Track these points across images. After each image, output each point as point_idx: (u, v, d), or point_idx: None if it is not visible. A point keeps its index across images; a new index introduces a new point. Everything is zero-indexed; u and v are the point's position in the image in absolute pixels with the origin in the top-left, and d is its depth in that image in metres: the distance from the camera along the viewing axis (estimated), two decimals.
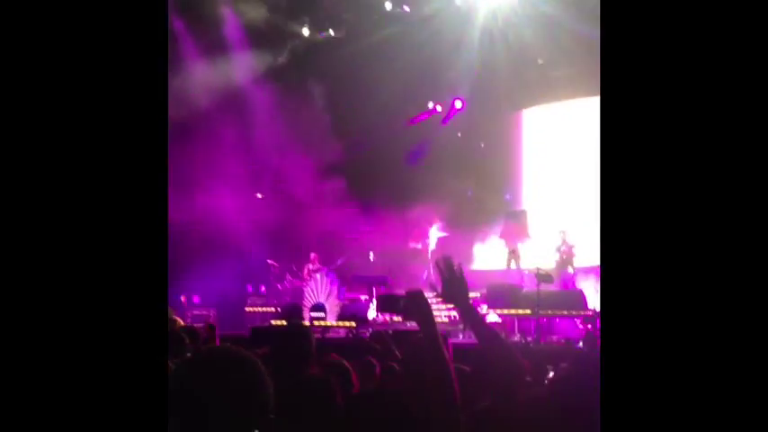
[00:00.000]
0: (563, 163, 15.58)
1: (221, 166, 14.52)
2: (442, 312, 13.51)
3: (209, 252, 14.22)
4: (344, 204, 15.28)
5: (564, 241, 13.27)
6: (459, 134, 16.84)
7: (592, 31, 13.56)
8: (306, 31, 16.10)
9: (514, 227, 14.06)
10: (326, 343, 10.83)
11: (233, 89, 15.09)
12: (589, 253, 13.23)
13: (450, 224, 15.36)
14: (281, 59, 16.21)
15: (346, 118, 16.16)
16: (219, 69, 14.64)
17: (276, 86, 15.60)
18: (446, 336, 10.06)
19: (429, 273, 14.75)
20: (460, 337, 11.97)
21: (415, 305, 2.21)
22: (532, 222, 14.51)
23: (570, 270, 13.06)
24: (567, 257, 13.15)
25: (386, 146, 16.39)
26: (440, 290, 2.48)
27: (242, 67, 15.30)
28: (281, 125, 15.57)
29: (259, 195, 16.50)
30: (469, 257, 15.43)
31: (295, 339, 3.44)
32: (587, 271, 13.06)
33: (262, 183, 16.11)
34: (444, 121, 16.81)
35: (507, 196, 14.81)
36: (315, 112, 16.12)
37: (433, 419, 1.99)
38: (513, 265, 13.60)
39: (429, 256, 14.93)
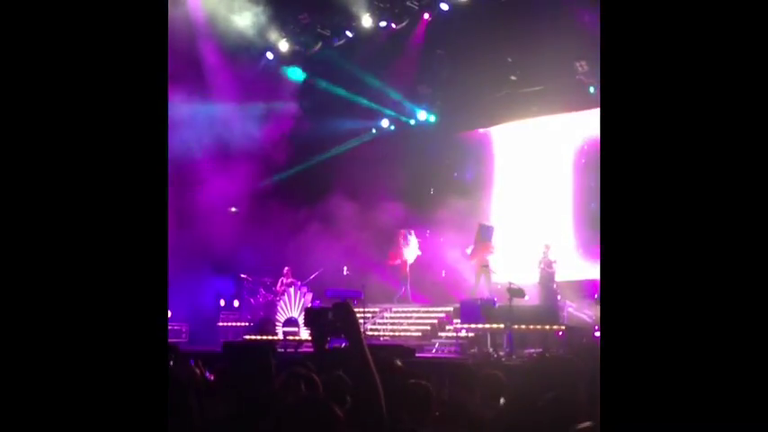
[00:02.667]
0: (533, 178, 15.72)
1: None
2: (413, 327, 13.55)
3: (181, 266, 14.11)
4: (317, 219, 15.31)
5: (546, 255, 13.05)
6: (431, 150, 16.97)
7: (565, 48, 13.78)
8: (284, 45, 16.16)
9: (482, 242, 14.07)
10: (299, 357, 10.78)
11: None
12: (565, 267, 13.29)
13: (425, 240, 15.46)
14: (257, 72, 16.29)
15: (317, 128, 16.24)
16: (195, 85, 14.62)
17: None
18: (414, 349, 10.07)
19: (404, 288, 14.76)
20: (433, 351, 12.01)
21: (341, 317, 2.22)
22: (502, 237, 14.58)
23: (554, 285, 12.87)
24: (548, 272, 12.90)
25: (354, 157, 16.47)
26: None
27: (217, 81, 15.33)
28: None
29: (233, 209, 16.43)
30: (443, 272, 15.51)
31: (255, 356, 3.44)
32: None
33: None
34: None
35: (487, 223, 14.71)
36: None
37: (360, 427, 2.00)
38: (485, 280, 13.62)
39: (407, 271, 14.94)
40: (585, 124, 15.11)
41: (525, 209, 15.53)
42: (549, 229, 14.50)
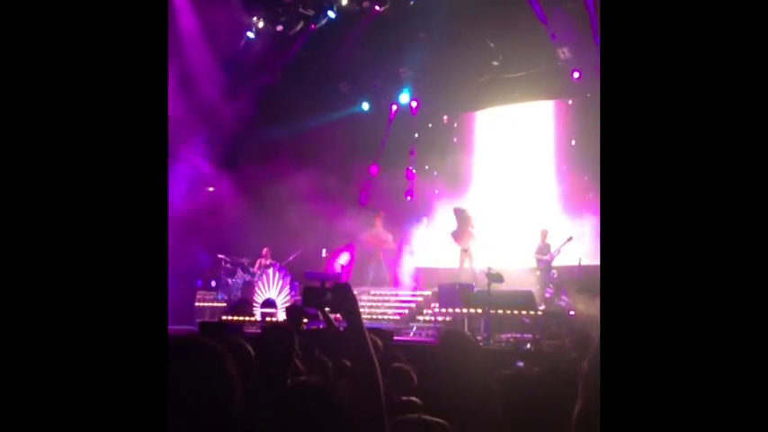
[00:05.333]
0: (515, 164, 15.81)
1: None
2: (390, 309, 13.61)
3: None
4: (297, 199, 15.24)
5: (544, 241, 12.96)
6: (416, 134, 17.01)
7: (548, 34, 13.82)
8: (261, 24, 16.01)
9: (460, 225, 14.10)
10: None
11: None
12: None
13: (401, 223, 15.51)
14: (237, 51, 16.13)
15: (294, 108, 16.15)
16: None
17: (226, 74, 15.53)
18: (393, 332, 10.11)
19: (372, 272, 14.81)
20: (410, 334, 12.07)
21: (340, 298, 2.21)
22: (483, 222, 14.62)
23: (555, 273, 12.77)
24: (549, 259, 12.74)
25: (333, 141, 16.41)
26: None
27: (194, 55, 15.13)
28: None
29: (210, 189, 16.31)
30: (422, 255, 15.58)
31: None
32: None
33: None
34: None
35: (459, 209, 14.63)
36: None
37: (358, 412, 1.99)
38: (466, 264, 13.67)
39: (379, 254, 14.99)
40: (567, 110, 15.23)
41: (506, 194, 15.61)
42: (528, 215, 14.61)
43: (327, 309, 2.29)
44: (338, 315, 2.34)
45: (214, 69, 15.40)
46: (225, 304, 14.21)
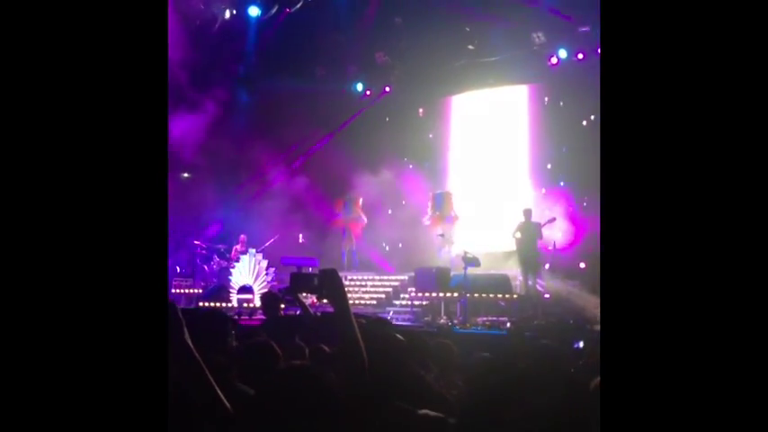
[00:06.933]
0: (491, 148, 15.86)
1: None
2: (367, 294, 13.63)
3: None
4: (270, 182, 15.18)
5: (529, 220, 12.28)
6: (388, 119, 16.94)
7: (522, 18, 13.84)
8: (234, 8, 15.88)
9: (438, 210, 14.13)
10: (254, 325, 10.74)
11: None
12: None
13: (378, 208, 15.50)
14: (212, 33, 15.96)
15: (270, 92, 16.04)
16: None
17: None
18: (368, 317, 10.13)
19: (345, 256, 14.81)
20: (388, 317, 12.10)
21: (328, 284, 2.21)
22: (459, 206, 14.66)
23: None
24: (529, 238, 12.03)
25: (310, 124, 16.33)
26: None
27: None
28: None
29: (185, 175, 16.18)
30: (398, 241, 15.61)
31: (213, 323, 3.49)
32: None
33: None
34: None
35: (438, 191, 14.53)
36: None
37: (346, 396, 2.00)
38: (442, 249, 13.71)
39: (352, 238, 14.96)
40: (541, 95, 15.29)
41: (482, 178, 15.66)
42: (504, 198, 14.69)
43: (315, 295, 2.29)
44: (314, 299, 2.36)
45: (187, 53, 15.21)
46: (201, 291, 14.13)
